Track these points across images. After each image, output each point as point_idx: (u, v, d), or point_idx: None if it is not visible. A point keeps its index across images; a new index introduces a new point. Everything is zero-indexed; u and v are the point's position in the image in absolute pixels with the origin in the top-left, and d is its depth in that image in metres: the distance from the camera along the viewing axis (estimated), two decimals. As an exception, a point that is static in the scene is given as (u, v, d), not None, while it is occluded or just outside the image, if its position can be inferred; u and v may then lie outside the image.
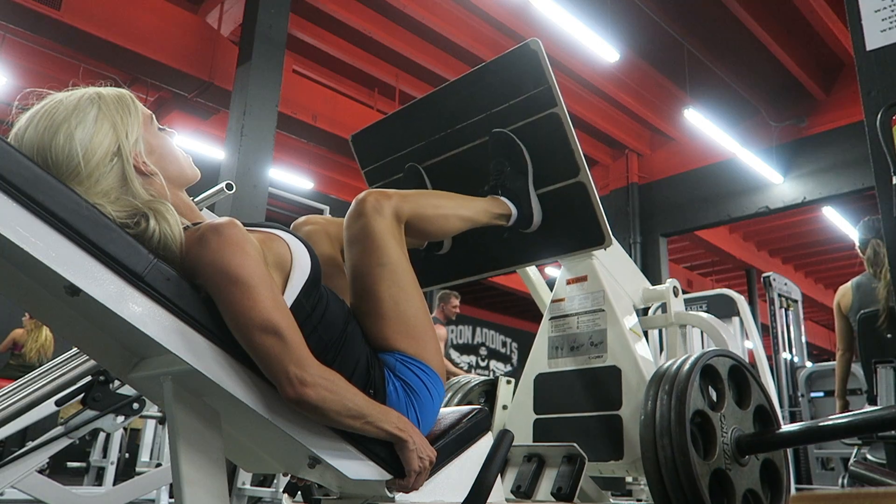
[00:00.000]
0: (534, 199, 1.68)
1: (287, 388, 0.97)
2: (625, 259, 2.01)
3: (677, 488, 1.42)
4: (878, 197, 1.37)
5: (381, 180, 2.04)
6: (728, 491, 1.48)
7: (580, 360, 1.83)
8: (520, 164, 1.67)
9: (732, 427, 1.55)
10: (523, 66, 1.64)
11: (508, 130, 1.69)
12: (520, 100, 1.66)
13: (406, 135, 1.92)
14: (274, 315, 0.97)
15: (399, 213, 1.28)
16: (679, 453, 1.42)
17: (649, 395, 1.54)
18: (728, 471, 1.49)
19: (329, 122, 7.87)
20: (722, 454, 1.50)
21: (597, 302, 1.85)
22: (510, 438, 1.19)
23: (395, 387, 1.16)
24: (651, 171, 10.08)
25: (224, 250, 0.98)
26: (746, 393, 1.65)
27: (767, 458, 1.60)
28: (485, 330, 14.40)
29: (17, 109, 1.06)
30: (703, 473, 1.44)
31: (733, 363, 1.65)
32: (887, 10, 1.39)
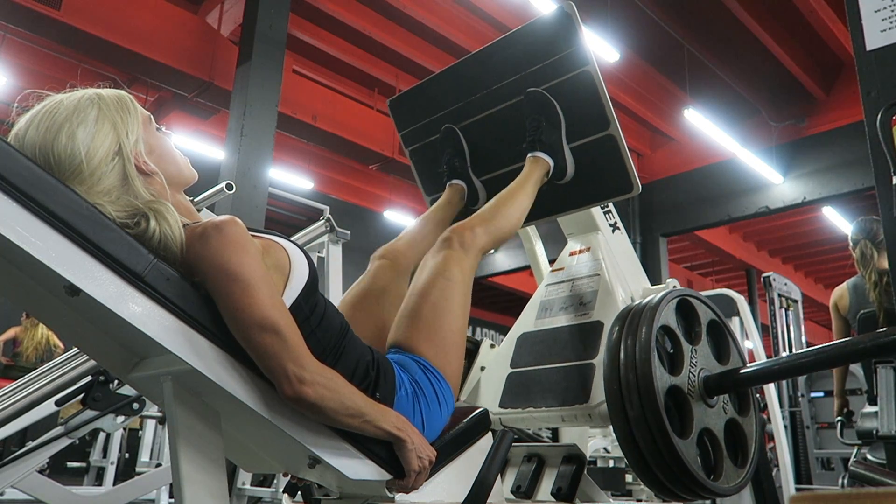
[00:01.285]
0: (567, 152, 1.76)
1: (285, 386, 0.97)
2: (630, 252, 2.02)
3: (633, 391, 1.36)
4: (878, 197, 1.37)
5: (417, 142, 2.09)
6: (685, 418, 1.43)
7: (567, 318, 1.82)
8: (554, 120, 1.75)
9: (702, 367, 1.50)
10: (557, 29, 1.71)
11: (542, 89, 1.76)
12: (553, 60, 1.73)
13: (442, 97, 1.98)
14: (273, 313, 0.97)
15: (484, 249, 1.42)
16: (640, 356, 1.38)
17: (618, 317, 1.52)
18: (690, 396, 1.44)
19: (329, 122, 7.87)
20: (686, 381, 1.44)
21: (594, 268, 1.86)
22: (510, 438, 1.19)
23: (407, 391, 1.17)
24: (651, 171, 10.08)
25: (225, 247, 0.98)
26: (725, 351, 1.60)
27: (735, 419, 1.54)
28: (485, 330, 14.40)
29: (17, 110, 1.07)
30: (662, 381, 1.38)
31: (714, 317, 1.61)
32: (887, 10, 1.39)
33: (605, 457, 4.62)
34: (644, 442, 1.36)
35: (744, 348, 3.02)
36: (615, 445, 4.33)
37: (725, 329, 1.63)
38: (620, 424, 1.40)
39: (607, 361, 1.45)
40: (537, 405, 1.68)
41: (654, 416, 1.34)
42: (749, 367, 1.49)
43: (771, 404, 2.92)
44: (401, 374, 1.19)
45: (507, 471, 1.72)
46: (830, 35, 7.41)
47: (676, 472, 1.36)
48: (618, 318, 1.52)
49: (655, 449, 1.35)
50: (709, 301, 1.63)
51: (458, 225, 1.44)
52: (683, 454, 1.34)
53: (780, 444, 2.91)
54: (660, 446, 1.34)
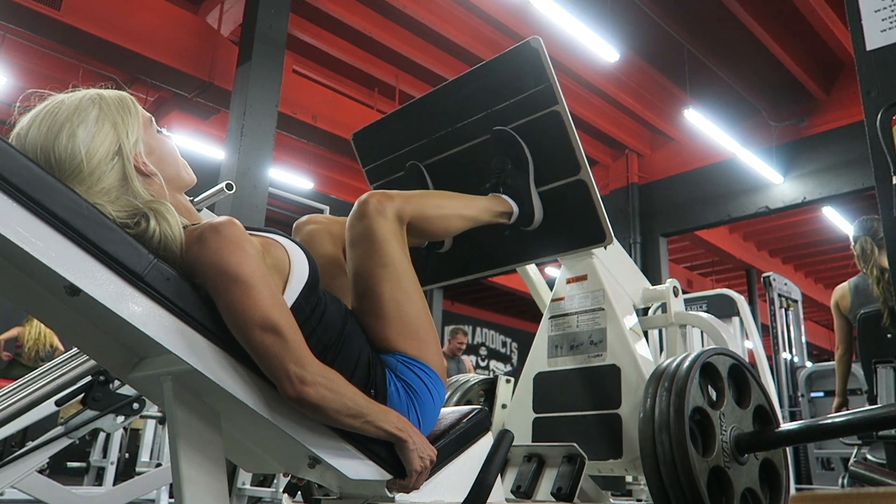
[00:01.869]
0: (535, 197, 1.69)
1: (287, 386, 0.97)
2: (625, 259, 2.02)
3: (676, 486, 1.41)
4: (878, 197, 1.37)
5: (382, 179, 2.04)
6: (727, 489, 1.48)
7: (580, 359, 1.83)
8: (521, 162, 1.68)
9: (732, 426, 1.55)
10: (524, 64, 1.64)
11: (510, 128, 1.69)
12: (521, 98, 1.66)
13: (407, 133, 1.92)
14: (273, 313, 0.97)
15: (402, 215, 1.29)
16: (678, 450, 1.42)
17: (648, 393, 1.54)
18: (727, 469, 1.49)
19: (329, 122, 7.87)
20: (721, 452, 1.50)
21: (597, 301, 1.85)
22: (510, 438, 1.19)
23: (397, 387, 1.17)
24: (651, 171, 10.08)
25: (223, 249, 0.98)
26: (746, 392, 1.65)
27: (766, 458, 1.60)
28: (485, 330, 14.40)
29: (18, 110, 1.07)
30: (702, 471, 1.44)
31: (733, 362, 1.65)
32: (887, 10, 1.39)
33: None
34: None
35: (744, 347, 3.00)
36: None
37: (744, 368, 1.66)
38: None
39: (644, 455, 1.49)
40: None
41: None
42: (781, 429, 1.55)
43: (771, 404, 2.91)
44: (389, 374, 1.19)
45: (507, 471, 1.72)
46: (830, 35, 7.40)
47: None
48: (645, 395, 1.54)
49: None
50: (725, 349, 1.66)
51: (379, 191, 1.31)
52: None
53: (780, 444, 2.90)
54: None
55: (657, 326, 2.26)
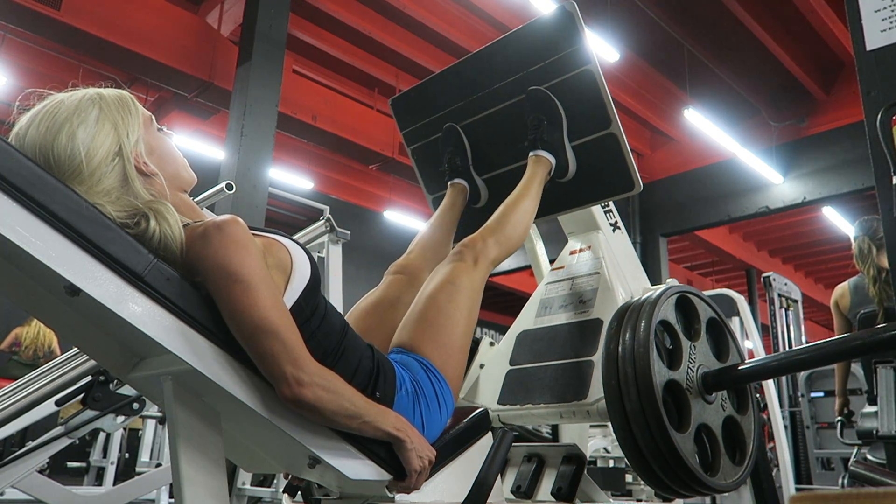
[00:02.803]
0: (569, 150, 1.76)
1: (283, 387, 0.97)
2: (630, 252, 2.02)
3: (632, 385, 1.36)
4: (878, 197, 1.37)
5: (418, 141, 2.10)
6: (684, 412, 1.43)
7: (567, 316, 1.82)
8: (555, 119, 1.75)
9: (700, 363, 1.50)
10: (559, 27, 1.71)
11: (544, 87, 1.76)
12: (555, 59, 1.74)
13: (444, 96, 1.99)
14: (272, 315, 0.97)
15: (496, 261, 1.45)
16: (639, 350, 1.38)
17: (617, 312, 1.52)
18: (688, 392, 1.44)
19: (329, 122, 7.87)
20: (685, 376, 1.45)
21: (594, 267, 1.87)
22: (510, 438, 1.19)
23: (408, 391, 1.17)
24: (651, 171, 10.08)
25: (226, 248, 0.98)
26: (724, 349, 1.61)
27: (734, 416, 1.54)
28: (485, 330, 14.41)
29: (18, 110, 1.06)
30: (661, 375, 1.38)
31: (714, 315, 1.62)
32: (887, 10, 1.39)
33: (605, 457, 4.62)
34: (642, 436, 1.36)
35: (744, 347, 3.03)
36: (615, 445, 4.33)
37: (725, 327, 1.63)
38: (618, 419, 1.40)
39: (605, 355, 1.46)
40: (535, 402, 1.68)
41: (652, 409, 1.34)
42: (747, 363, 1.49)
43: (771, 404, 2.92)
44: (402, 373, 1.20)
45: (507, 471, 1.72)
46: (830, 35, 7.40)
47: (673, 466, 1.36)
48: (617, 313, 1.53)
49: (653, 443, 1.35)
50: (708, 299, 1.64)
51: (470, 239, 1.46)
52: (681, 449, 1.34)
53: (780, 444, 2.91)
54: (657, 440, 1.34)
55: (657, 326, 2.26)
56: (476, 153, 1.95)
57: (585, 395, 1.59)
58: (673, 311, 1.52)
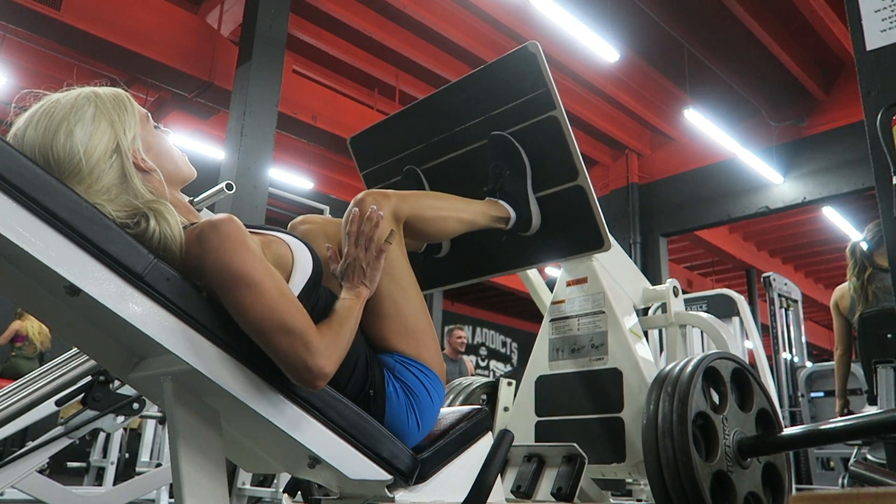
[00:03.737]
0: (532, 203, 1.68)
1: (307, 377, 0.98)
2: (625, 260, 2.01)
3: (679, 490, 1.42)
4: (878, 197, 1.37)
5: (379, 183, 2.04)
6: (729, 493, 1.48)
7: (581, 363, 1.83)
8: (518, 167, 1.67)
9: (735, 429, 1.55)
10: (522, 69, 1.63)
11: (507, 133, 1.69)
12: (518, 103, 1.66)
13: (404, 137, 1.92)
14: (284, 313, 0.97)
15: (398, 214, 1.30)
16: (681, 455, 1.42)
17: (651, 398, 1.54)
18: (730, 473, 1.49)
19: (329, 122, 7.87)
20: (724, 456, 1.50)
21: (597, 304, 1.85)
22: (510, 438, 1.19)
23: (395, 388, 1.16)
24: (651, 171, 10.08)
25: (225, 247, 0.98)
26: (749, 396, 1.65)
27: (769, 461, 1.60)
28: (485, 330, 14.40)
29: (14, 110, 1.06)
30: (705, 475, 1.44)
31: (736, 366, 1.65)
32: (887, 10, 1.39)
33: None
34: None
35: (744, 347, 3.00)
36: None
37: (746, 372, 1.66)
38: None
39: (647, 461, 1.49)
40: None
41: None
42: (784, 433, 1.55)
43: (771, 404, 2.91)
44: (387, 374, 1.19)
45: (507, 471, 1.72)
46: (830, 35, 7.40)
47: None
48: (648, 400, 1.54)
49: None
50: (728, 353, 1.66)
51: (375, 190, 1.32)
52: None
53: (780, 444, 2.90)
54: None
55: (657, 326, 2.26)
56: None
57: (623, 458, 1.66)
58: (702, 395, 1.54)
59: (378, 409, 1.15)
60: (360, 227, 1.18)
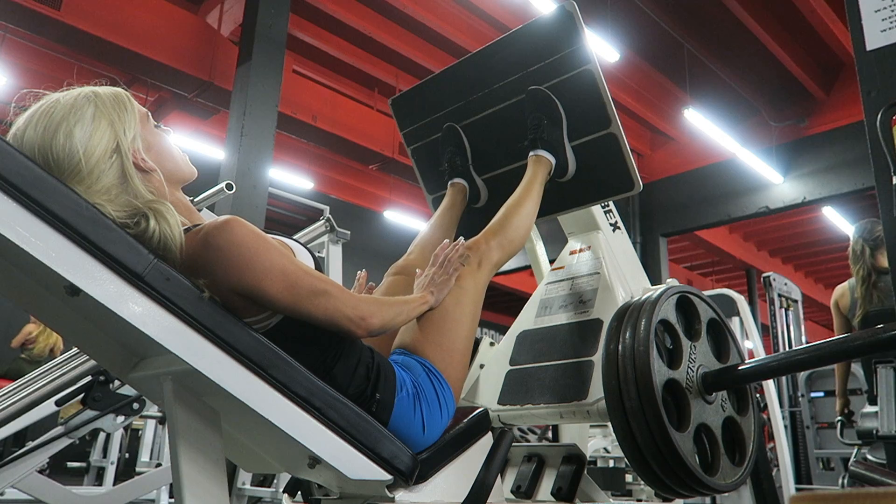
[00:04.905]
0: (569, 150, 1.76)
1: (353, 328, 1.10)
2: (630, 252, 2.02)
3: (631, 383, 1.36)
4: (878, 197, 1.37)
5: (418, 141, 2.10)
6: (683, 412, 1.43)
7: (567, 316, 1.82)
8: (555, 118, 1.75)
9: (701, 363, 1.50)
10: (559, 27, 1.71)
11: (544, 87, 1.76)
12: (555, 59, 1.74)
13: (444, 96, 1.99)
14: (314, 280, 1.06)
15: (498, 263, 1.47)
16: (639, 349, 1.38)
17: (618, 311, 1.52)
18: (688, 391, 1.44)
19: (329, 122, 7.87)
20: (685, 375, 1.45)
21: (594, 267, 1.87)
22: (510, 438, 1.19)
23: (409, 392, 1.18)
24: (651, 171, 10.08)
25: (242, 247, 0.99)
26: (725, 350, 1.61)
27: (734, 417, 1.54)
28: (485, 330, 14.41)
29: (14, 110, 1.06)
30: (661, 374, 1.38)
31: (714, 316, 1.62)
32: (887, 10, 1.39)
33: (605, 457, 4.62)
34: (641, 435, 1.36)
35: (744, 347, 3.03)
36: (615, 445, 4.33)
37: (725, 328, 1.63)
38: (618, 417, 1.40)
39: (605, 355, 1.46)
40: (536, 402, 1.67)
41: (652, 408, 1.34)
42: (747, 363, 1.49)
43: (771, 404, 2.92)
44: (403, 374, 1.20)
45: (507, 471, 1.72)
46: (830, 35, 7.40)
47: (673, 465, 1.35)
48: (617, 312, 1.52)
49: (652, 442, 1.35)
50: (709, 299, 1.64)
51: (473, 241, 1.47)
52: (680, 448, 1.34)
53: (780, 444, 2.91)
54: (657, 439, 1.34)
55: (657, 326, 2.26)
56: (476, 153, 1.95)
57: (585, 395, 1.59)
58: (673, 311, 1.52)
59: (385, 410, 1.15)
60: (447, 257, 1.37)
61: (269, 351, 1.03)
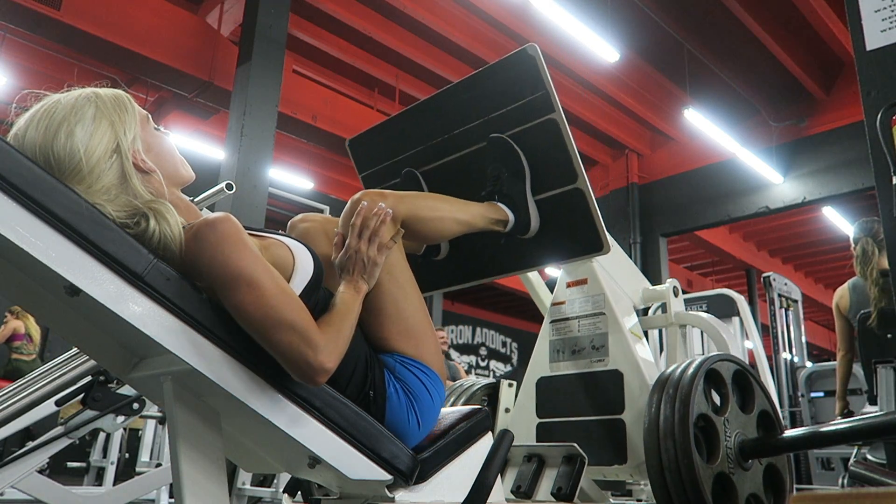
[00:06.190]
0: (531, 205, 1.67)
1: (310, 373, 0.98)
2: (625, 260, 2.01)
3: (681, 492, 1.42)
4: (878, 197, 1.37)
5: (378, 185, 2.03)
6: (731, 494, 1.48)
7: (582, 364, 1.83)
8: (517, 170, 1.66)
9: (736, 431, 1.55)
10: (521, 72, 1.62)
11: (506, 136, 1.68)
12: (517, 105, 1.65)
13: (403, 139, 1.91)
14: (280, 305, 0.97)
15: (395, 214, 1.28)
16: (683, 456, 1.42)
17: (653, 401, 1.54)
18: (731, 475, 1.49)
19: (329, 122, 7.87)
20: (725, 458, 1.50)
21: (597, 305, 1.85)
22: (510, 438, 1.19)
23: (396, 389, 1.17)
24: (651, 171, 10.08)
25: (222, 246, 0.97)
26: (750, 397, 1.65)
27: (770, 463, 1.60)
28: (485, 330, 14.40)
29: (15, 110, 1.07)
30: (706, 477, 1.44)
31: (737, 368, 1.65)
32: (887, 10, 1.39)
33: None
34: None
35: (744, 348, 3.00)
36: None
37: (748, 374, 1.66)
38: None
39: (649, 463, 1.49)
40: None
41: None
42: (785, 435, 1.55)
43: (771, 404, 2.91)
44: (387, 374, 1.19)
45: (507, 471, 1.72)
46: (830, 35, 7.40)
47: None
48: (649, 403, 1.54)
49: None
50: (729, 355, 1.66)
51: (372, 190, 1.31)
52: None
53: (780, 444, 2.90)
54: None
55: (657, 326, 2.26)
56: None
57: (625, 460, 1.66)
58: (704, 397, 1.54)
59: (378, 409, 1.15)
60: (365, 221, 1.19)
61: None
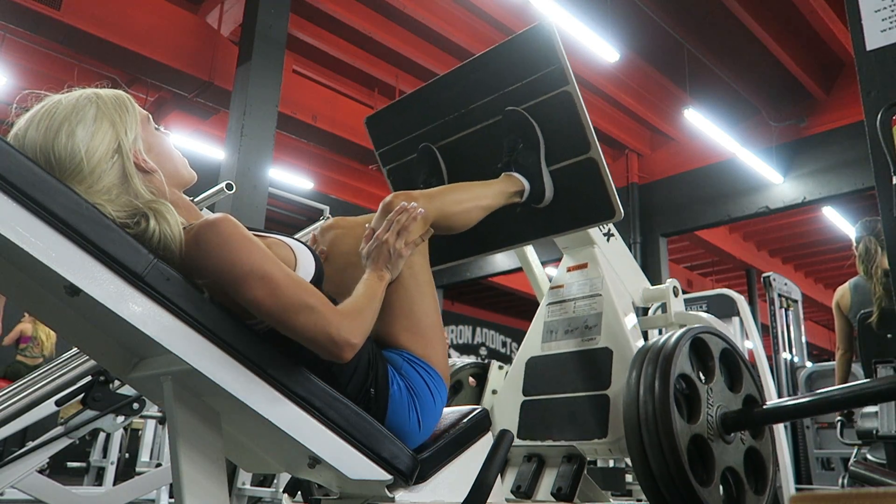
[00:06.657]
0: (546, 175, 1.71)
1: (335, 351, 1.01)
2: (627, 255, 2.02)
3: (656, 449, 1.39)
4: (878, 197, 1.37)
5: (394, 161, 2.05)
6: (708, 462, 1.45)
7: (573, 343, 1.82)
8: (532, 141, 1.70)
9: (719, 404, 1.53)
10: (536, 46, 1.67)
11: (521, 109, 1.72)
12: (532, 79, 1.69)
13: (420, 116, 1.94)
14: (296, 292, 1.00)
15: (425, 216, 1.31)
16: (660, 411, 1.40)
17: (635, 363, 1.53)
18: (710, 440, 1.47)
19: (329, 122, 7.87)
20: (706, 425, 1.48)
21: (595, 287, 1.85)
22: (510, 438, 1.19)
23: (399, 386, 1.17)
24: (651, 171, 10.08)
25: (229, 246, 0.98)
26: (738, 379, 1.63)
27: (753, 446, 1.57)
28: (485, 330, 14.40)
29: (16, 110, 1.07)
30: (683, 434, 1.41)
31: (726, 346, 1.63)
32: (887, 10, 1.39)
33: (605, 457, 4.62)
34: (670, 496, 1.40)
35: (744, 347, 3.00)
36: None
37: (737, 356, 1.65)
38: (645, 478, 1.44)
39: (626, 418, 1.48)
40: (556, 438, 1.70)
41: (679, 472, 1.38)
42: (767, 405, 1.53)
43: (771, 404, 2.91)
44: (392, 371, 1.19)
45: (507, 471, 1.72)
46: (830, 35, 7.40)
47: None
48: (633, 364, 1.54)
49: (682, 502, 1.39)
50: (719, 331, 1.65)
51: (401, 192, 1.36)
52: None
53: (779, 444, 2.90)
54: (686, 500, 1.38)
55: (657, 326, 2.26)
56: (452, 175, 1.88)
57: (605, 433, 1.63)
58: (688, 360, 1.53)
59: (380, 407, 1.15)
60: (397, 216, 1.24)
61: (269, 350, 1.03)
